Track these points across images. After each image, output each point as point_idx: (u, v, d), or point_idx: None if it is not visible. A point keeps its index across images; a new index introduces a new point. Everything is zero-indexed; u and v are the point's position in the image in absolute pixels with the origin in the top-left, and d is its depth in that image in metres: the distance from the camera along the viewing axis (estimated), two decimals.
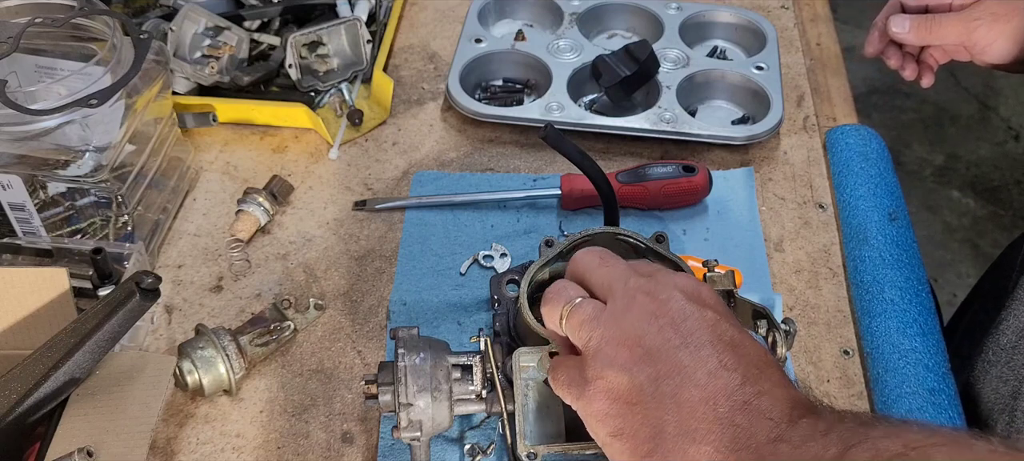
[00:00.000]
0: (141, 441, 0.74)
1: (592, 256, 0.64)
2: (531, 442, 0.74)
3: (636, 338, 0.57)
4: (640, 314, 0.58)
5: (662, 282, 0.59)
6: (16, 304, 0.80)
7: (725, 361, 0.55)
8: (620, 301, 0.59)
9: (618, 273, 0.61)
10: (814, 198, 1.08)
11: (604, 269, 0.62)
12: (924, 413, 0.83)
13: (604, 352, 0.58)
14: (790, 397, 0.54)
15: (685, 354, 0.55)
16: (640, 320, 0.57)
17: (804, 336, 0.93)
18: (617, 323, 0.58)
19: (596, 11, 1.29)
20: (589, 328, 0.59)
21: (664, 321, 0.57)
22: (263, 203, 1.01)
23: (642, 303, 0.58)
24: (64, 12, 0.95)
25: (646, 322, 0.57)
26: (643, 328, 0.57)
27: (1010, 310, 0.90)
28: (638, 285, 0.59)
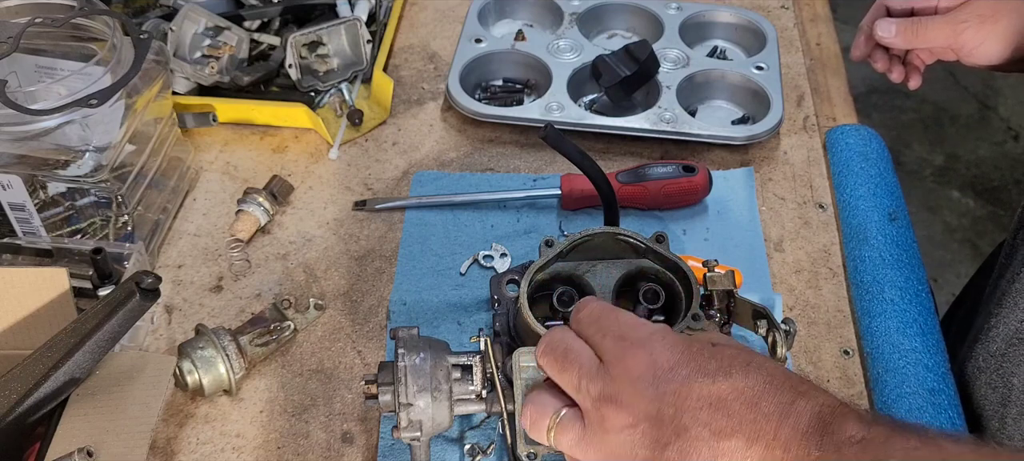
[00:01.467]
0: (141, 441, 0.74)
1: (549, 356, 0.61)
2: (531, 442, 0.74)
3: (625, 454, 0.56)
4: (616, 431, 0.56)
5: (618, 379, 0.56)
6: (16, 304, 0.80)
7: (719, 429, 0.53)
8: (593, 421, 0.58)
9: (576, 384, 0.59)
10: (814, 198, 1.08)
11: (564, 378, 0.60)
12: (924, 413, 0.83)
13: None
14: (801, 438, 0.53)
15: (679, 448, 0.54)
16: (620, 437, 0.56)
17: (804, 336, 0.93)
18: (601, 444, 0.57)
19: (596, 11, 1.29)
20: (578, 451, 0.59)
21: (642, 425, 0.55)
22: (263, 203, 1.01)
23: (612, 419, 0.56)
24: (64, 12, 0.95)
25: (626, 436, 0.56)
26: (626, 443, 0.56)
27: (999, 317, 0.90)
28: (599, 396, 0.57)
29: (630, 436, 0.55)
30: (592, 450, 0.58)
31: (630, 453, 0.55)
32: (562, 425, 0.60)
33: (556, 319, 0.81)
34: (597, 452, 0.57)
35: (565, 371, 0.60)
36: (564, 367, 0.60)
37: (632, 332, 0.58)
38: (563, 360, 0.60)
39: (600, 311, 0.61)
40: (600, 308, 0.61)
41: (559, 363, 0.60)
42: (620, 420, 0.56)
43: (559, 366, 0.60)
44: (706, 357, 0.56)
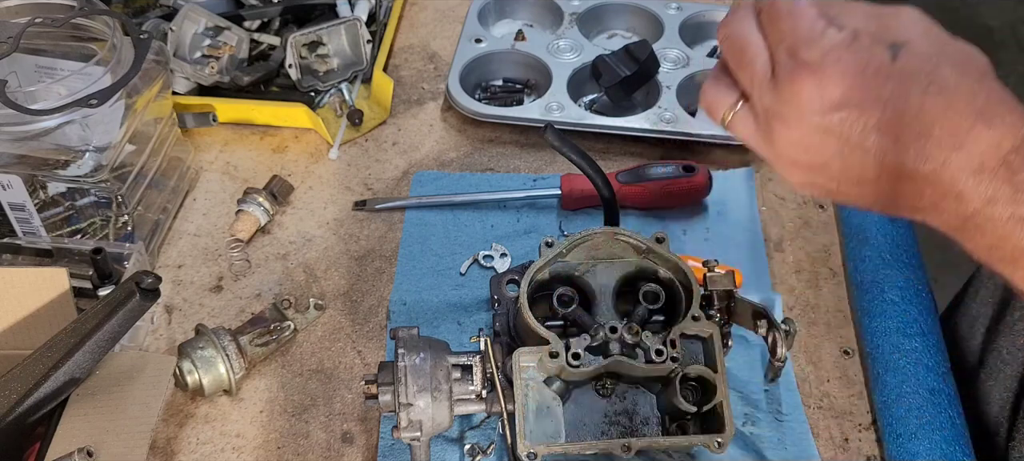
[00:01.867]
0: (141, 441, 0.74)
1: (729, 46, 0.61)
2: (531, 442, 0.74)
3: (792, 159, 0.60)
4: (785, 144, 0.59)
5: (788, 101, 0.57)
6: (16, 304, 0.80)
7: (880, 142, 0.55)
8: (762, 125, 0.60)
9: (750, 85, 0.60)
10: (814, 198, 1.08)
11: (740, 74, 0.61)
12: (924, 413, 0.83)
13: (776, 167, 0.62)
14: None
15: (841, 161, 0.57)
16: (787, 149, 0.59)
17: (804, 336, 0.93)
18: (771, 147, 0.60)
19: (596, 11, 1.29)
20: (753, 144, 0.62)
21: (808, 145, 0.58)
22: (263, 203, 1.01)
23: (780, 133, 0.59)
24: (64, 12, 0.95)
25: (792, 150, 0.59)
26: (793, 155, 0.59)
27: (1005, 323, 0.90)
28: (768, 110, 0.59)
29: (796, 151, 0.59)
30: (763, 148, 0.61)
31: (795, 159, 0.59)
32: (737, 118, 0.62)
33: (556, 319, 0.81)
34: (767, 150, 0.61)
35: (741, 69, 0.61)
36: (740, 65, 0.60)
37: (806, 49, 0.56)
38: (740, 57, 0.60)
39: (781, 9, 0.58)
40: (782, 6, 0.58)
41: (736, 58, 0.61)
42: (786, 137, 0.58)
43: (736, 61, 0.61)
44: (875, 94, 0.55)
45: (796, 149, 0.59)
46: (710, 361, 0.77)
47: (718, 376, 0.75)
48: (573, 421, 0.78)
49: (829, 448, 0.85)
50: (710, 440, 0.74)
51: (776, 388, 0.88)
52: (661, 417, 0.79)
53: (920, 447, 0.81)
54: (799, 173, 0.60)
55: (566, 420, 0.77)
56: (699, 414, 0.76)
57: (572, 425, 0.78)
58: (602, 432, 0.78)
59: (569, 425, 0.78)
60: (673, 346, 0.75)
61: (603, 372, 0.77)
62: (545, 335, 0.76)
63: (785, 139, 0.59)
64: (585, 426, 0.78)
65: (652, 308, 0.80)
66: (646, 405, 0.79)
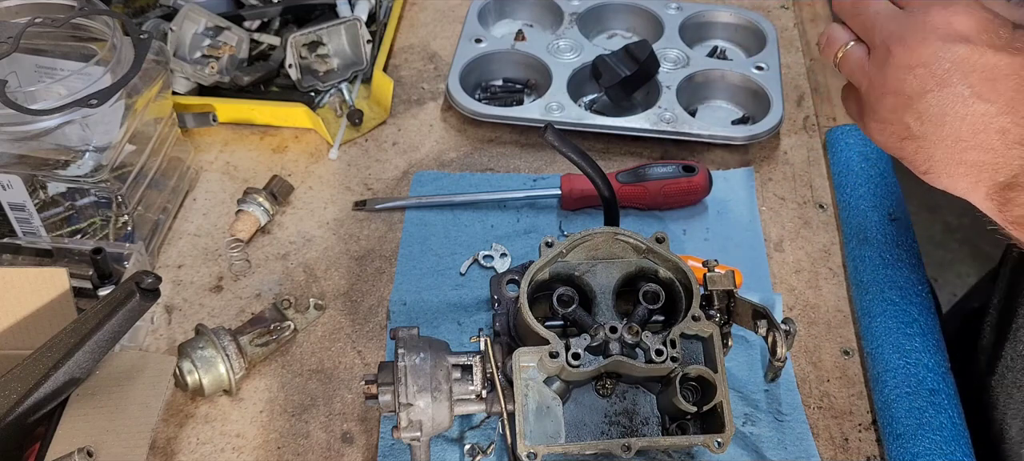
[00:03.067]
0: (141, 441, 0.74)
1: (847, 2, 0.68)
2: (531, 442, 0.74)
3: (895, 87, 0.63)
4: (896, 66, 0.63)
5: (914, 26, 0.63)
6: (16, 304, 0.80)
7: (980, 92, 0.60)
8: (879, 53, 0.65)
9: (871, 22, 0.66)
10: (814, 198, 1.08)
11: (859, 19, 0.67)
12: (924, 413, 0.83)
13: (871, 100, 0.66)
14: None
15: (939, 98, 0.61)
16: (897, 72, 0.63)
17: (804, 336, 0.93)
18: (879, 73, 0.65)
19: (596, 11, 1.29)
20: (858, 76, 0.67)
21: (918, 70, 0.62)
22: (263, 203, 1.01)
23: (897, 55, 0.63)
24: (64, 12, 0.95)
25: (902, 73, 0.63)
26: (900, 78, 0.63)
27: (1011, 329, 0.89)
28: (891, 34, 0.64)
29: (905, 74, 0.63)
30: (869, 77, 0.66)
31: (899, 87, 0.63)
32: (848, 53, 0.68)
33: (556, 319, 0.81)
34: (871, 79, 0.65)
35: (860, 12, 0.67)
36: (859, 9, 0.67)
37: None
38: (859, 3, 0.67)
39: None
40: None
41: (856, 7, 0.67)
42: (903, 58, 0.63)
43: (856, 10, 0.67)
44: (999, 33, 0.61)
45: (904, 74, 0.62)
46: (710, 361, 0.77)
47: (718, 376, 0.75)
48: (573, 421, 0.78)
49: (829, 448, 0.85)
50: (710, 440, 0.74)
51: (776, 388, 0.88)
52: (661, 417, 0.79)
53: (920, 447, 0.81)
54: (892, 102, 0.64)
55: (566, 420, 0.77)
56: (699, 414, 0.77)
57: (572, 425, 0.78)
58: (602, 432, 0.78)
59: (569, 425, 0.78)
60: (673, 346, 0.75)
61: (603, 372, 0.77)
62: (545, 335, 0.76)
63: (898, 63, 0.63)
64: (585, 426, 0.78)
65: (652, 308, 0.80)
66: (646, 405, 0.79)
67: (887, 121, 0.65)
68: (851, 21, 0.68)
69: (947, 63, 0.61)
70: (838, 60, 0.68)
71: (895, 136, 0.65)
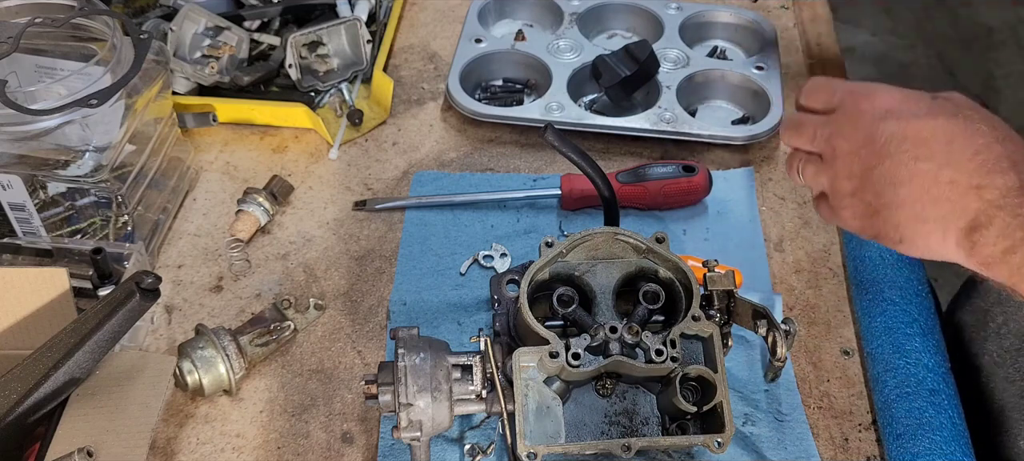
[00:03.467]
0: (141, 441, 0.74)
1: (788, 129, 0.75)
2: (531, 442, 0.74)
3: (847, 172, 0.69)
4: (843, 155, 0.69)
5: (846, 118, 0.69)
6: (16, 304, 0.80)
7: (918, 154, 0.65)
8: (827, 153, 0.71)
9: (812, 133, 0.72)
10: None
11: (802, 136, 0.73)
12: (924, 413, 0.83)
13: (834, 195, 0.71)
14: None
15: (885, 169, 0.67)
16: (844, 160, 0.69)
17: (804, 336, 0.93)
18: (831, 168, 0.70)
19: (596, 11, 1.29)
20: (819, 181, 0.73)
21: (861, 151, 0.68)
22: (263, 203, 1.01)
23: (840, 146, 0.69)
24: (64, 12, 0.95)
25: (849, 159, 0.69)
26: (848, 164, 0.69)
27: (1009, 315, 0.90)
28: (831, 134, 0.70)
29: (852, 159, 0.69)
30: (824, 175, 0.72)
31: (849, 171, 0.69)
32: (805, 166, 0.74)
33: (556, 319, 0.81)
34: (827, 176, 0.71)
35: (801, 132, 0.73)
36: (800, 129, 0.74)
37: (857, 85, 0.71)
38: (798, 125, 0.74)
39: (820, 79, 0.74)
40: (818, 78, 0.75)
41: (797, 129, 0.74)
42: (846, 146, 0.69)
43: (797, 131, 0.74)
44: (921, 103, 0.68)
45: (850, 159, 0.68)
46: (710, 361, 0.77)
47: (718, 376, 0.75)
48: (573, 421, 0.78)
49: (829, 448, 0.85)
50: (710, 440, 0.74)
51: (776, 388, 0.88)
52: (661, 417, 0.79)
53: (920, 447, 0.81)
54: (848, 186, 0.69)
55: (566, 420, 0.77)
56: (699, 414, 0.77)
57: (572, 425, 0.78)
58: (602, 432, 0.78)
59: (569, 425, 0.78)
60: (673, 346, 0.75)
61: (603, 372, 0.77)
62: (545, 335, 0.76)
63: (843, 152, 0.69)
64: (585, 426, 0.78)
65: (652, 308, 0.80)
66: (646, 405, 0.79)
67: (851, 207, 0.70)
68: (797, 141, 0.74)
69: (883, 137, 0.66)
70: (802, 176, 0.75)
71: (863, 216, 0.69)
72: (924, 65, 3.07)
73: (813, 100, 0.74)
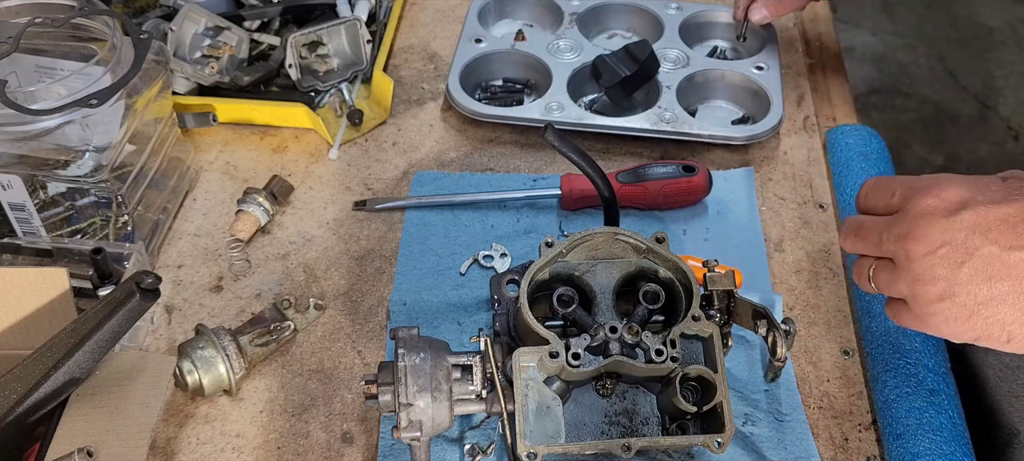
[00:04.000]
0: (141, 441, 0.74)
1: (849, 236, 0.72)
2: (531, 442, 0.74)
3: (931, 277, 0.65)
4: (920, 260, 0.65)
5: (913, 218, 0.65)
6: (16, 304, 0.80)
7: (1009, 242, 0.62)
8: (899, 258, 0.67)
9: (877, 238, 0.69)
10: (814, 198, 1.08)
11: (865, 242, 0.70)
12: (924, 413, 0.83)
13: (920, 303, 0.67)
14: None
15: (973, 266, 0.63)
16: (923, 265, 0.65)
17: (804, 336, 0.93)
18: (910, 274, 0.66)
19: (596, 11, 1.29)
20: (895, 289, 0.69)
21: (940, 251, 0.64)
22: (263, 203, 1.02)
23: (914, 251, 0.65)
24: (64, 12, 0.95)
25: (928, 262, 0.65)
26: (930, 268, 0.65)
27: None
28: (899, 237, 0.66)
29: (932, 261, 0.64)
30: (902, 282, 0.67)
31: (931, 275, 0.64)
32: (876, 274, 0.70)
33: (556, 319, 0.81)
34: (906, 282, 0.67)
35: (867, 237, 0.70)
36: (865, 234, 0.70)
37: (918, 181, 0.67)
38: (860, 230, 0.70)
39: (877, 179, 0.71)
40: (875, 178, 0.71)
41: (859, 234, 0.71)
42: (921, 249, 0.65)
43: (860, 236, 0.70)
44: (992, 187, 0.65)
45: (930, 262, 0.64)
46: (710, 361, 0.77)
47: (718, 376, 0.75)
48: (573, 421, 0.78)
49: (829, 448, 0.85)
50: (710, 440, 0.74)
51: (776, 388, 0.88)
52: (661, 417, 0.79)
53: (920, 447, 0.81)
54: (937, 291, 0.65)
55: (566, 420, 0.77)
56: (699, 414, 0.77)
57: (572, 425, 0.78)
58: (602, 432, 0.78)
59: (569, 425, 0.78)
60: (673, 346, 0.75)
61: (603, 372, 0.77)
62: (545, 335, 0.76)
63: (919, 255, 0.65)
64: (585, 426, 0.78)
65: (652, 308, 0.80)
66: (646, 405, 0.79)
67: (941, 312, 0.66)
68: (862, 248, 0.71)
69: (962, 233, 0.63)
70: (873, 285, 0.71)
71: (957, 320, 0.65)
72: (924, 65, 3.07)
73: (873, 202, 0.70)
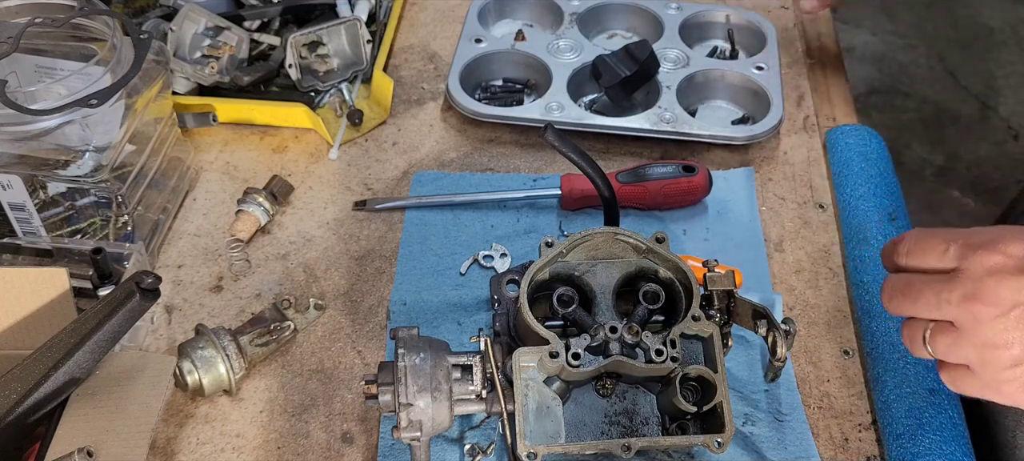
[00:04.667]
0: (141, 441, 0.74)
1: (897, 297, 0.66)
2: (531, 442, 0.74)
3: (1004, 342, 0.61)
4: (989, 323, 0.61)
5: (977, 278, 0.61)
6: (16, 304, 0.80)
7: None
8: (964, 321, 0.62)
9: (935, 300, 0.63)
10: (814, 198, 1.08)
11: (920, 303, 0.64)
12: (924, 413, 0.83)
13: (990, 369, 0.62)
14: None
15: None
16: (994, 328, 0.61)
17: (804, 336, 0.93)
18: (977, 338, 0.62)
19: (596, 11, 1.29)
20: (959, 354, 0.64)
21: (1012, 313, 0.60)
22: (263, 203, 1.01)
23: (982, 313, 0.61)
24: (64, 12, 0.95)
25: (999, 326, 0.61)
26: (1002, 331, 0.61)
27: None
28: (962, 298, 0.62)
29: (1003, 324, 0.60)
30: (968, 346, 0.62)
31: (1005, 338, 0.60)
32: (934, 339, 0.64)
33: (556, 319, 0.81)
34: (973, 347, 0.62)
35: (919, 298, 0.64)
36: (917, 296, 0.64)
37: (973, 236, 0.62)
38: (909, 290, 0.65)
39: (920, 233, 0.65)
40: (919, 232, 0.65)
41: (908, 295, 0.65)
42: (991, 312, 0.60)
43: (911, 298, 0.65)
44: None
45: (1002, 325, 0.60)
46: (710, 361, 0.77)
47: (718, 376, 0.75)
48: (573, 421, 0.78)
49: (829, 448, 0.85)
50: (710, 440, 0.74)
51: (776, 388, 0.88)
52: (661, 417, 0.79)
53: (920, 447, 0.81)
54: (1010, 356, 0.61)
55: (566, 420, 0.77)
56: (699, 414, 0.77)
57: (572, 425, 0.78)
58: (602, 432, 0.78)
59: (569, 425, 0.78)
60: (673, 346, 0.75)
61: (603, 372, 0.77)
62: (545, 335, 0.76)
63: (988, 318, 0.61)
64: (585, 426, 0.78)
65: (652, 308, 0.80)
66: (646, 405, 0.79)
67: (1020, 378, 0.62)
68: (914, 311, 0.65)
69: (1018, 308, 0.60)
70: (929, 349, 0.65)
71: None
72: (924, 65, 3.07)
73: (919, 259, 0.64)
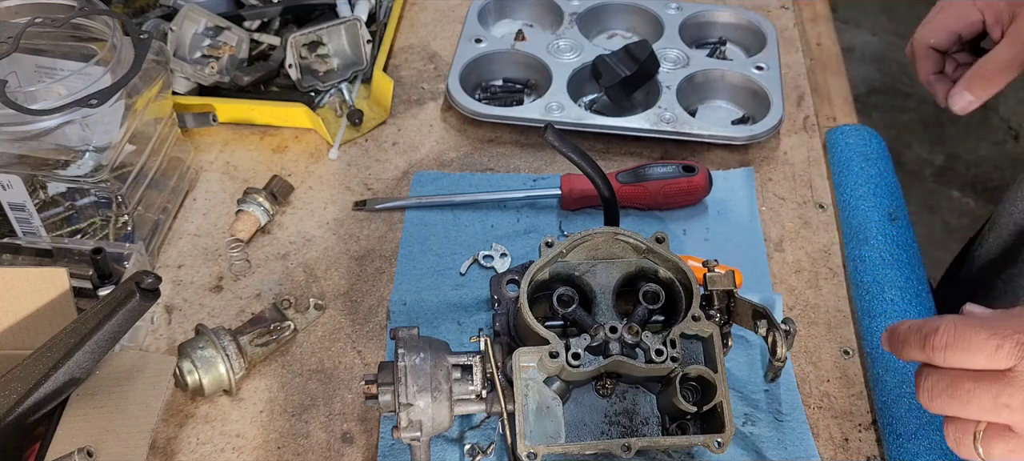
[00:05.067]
0: (141, 441, 0.74)
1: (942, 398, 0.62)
2: (531, 442, 0.74)
3: None
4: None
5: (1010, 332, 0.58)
6: (16, 304, 0.80)
7: None
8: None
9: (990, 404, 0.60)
10: (814, 198, 1.08)
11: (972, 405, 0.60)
12: (924, 413, 0.83)
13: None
14: None
15: None
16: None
17: (804, 336, 0.93)
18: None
19: (596, 11, 1.29)
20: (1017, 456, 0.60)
21: None
22: (263, 203, 1.02)
23: None
24: (64, 12, 0.95)
25: None
26: None
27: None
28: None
29: None
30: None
31: None
32: (989, 439, 0.61)
33: (556, 319, 0.81)
34: None
35: (970, 401, 0.60)
36: (967, 398, 0.60)
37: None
38: (957, 391, 0.60)
39: (960, 326, 0.60)
40: (957, 325, 0.61)
41: (957, 398, 0.61)
42: None
43: (960, 401, 0.60)
44: None
45: None
46: (710, 361, 0.77)
47: (718, 376, 0.75)
48: (573, 421, 0.78)
49: (829, 448, 0.85)
50: (710, 440, 0.74)
51: (776, 388, 0.88)
52: (661, 417, 0.79)
53: (920, 447, 0.81)
54: None
55: (566, 420, 0.77)
56: (699, 414, 0.77)
57: (572, 425, 0.78)
58: (602, 432, 0.78)
59: (569, 425, 0.78)
60: (673, 346, 0.75)
61: (603, 372, 0.78)
62: (545, 335, 0.76)
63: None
64: (585, 426, 0.78)
65: (652, 308, 0.80)
66: (646, 405, 0.79)
67: None
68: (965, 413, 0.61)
69: None
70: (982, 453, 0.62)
71: None
72: None
73: (964, 358, 0.60)
